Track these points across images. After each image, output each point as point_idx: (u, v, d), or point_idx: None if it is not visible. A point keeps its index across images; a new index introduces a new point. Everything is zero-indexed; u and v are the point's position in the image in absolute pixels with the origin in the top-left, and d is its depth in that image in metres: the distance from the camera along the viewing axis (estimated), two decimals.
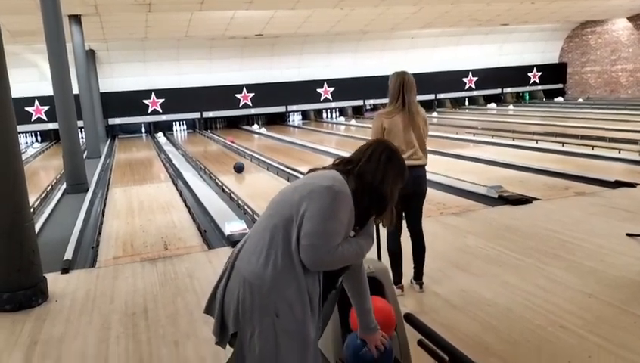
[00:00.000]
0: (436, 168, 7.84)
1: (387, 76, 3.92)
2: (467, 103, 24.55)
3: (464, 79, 23.91)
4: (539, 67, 24.59)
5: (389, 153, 2.03)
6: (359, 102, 22.77)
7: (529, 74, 24.61)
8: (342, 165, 2.03)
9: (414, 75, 3.89)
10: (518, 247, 4.82)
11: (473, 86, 24.11)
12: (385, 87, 4.03)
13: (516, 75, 24.26)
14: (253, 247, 1.92)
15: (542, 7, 18.23)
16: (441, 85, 22.88)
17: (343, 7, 15.37)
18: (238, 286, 1.88)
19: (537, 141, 11.47)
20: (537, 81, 24.79)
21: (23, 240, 4.23)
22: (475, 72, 23.87)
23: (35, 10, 9.94)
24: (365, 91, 22.06)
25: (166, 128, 20.92)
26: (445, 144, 11.78)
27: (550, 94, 24.60)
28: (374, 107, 22.30)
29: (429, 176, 4.07)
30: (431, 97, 22.84)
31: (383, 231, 3.79)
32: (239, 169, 9.98)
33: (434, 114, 20.65)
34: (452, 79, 23.39)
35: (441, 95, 23.56)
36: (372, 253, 3.37)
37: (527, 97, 25.14)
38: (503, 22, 20.68)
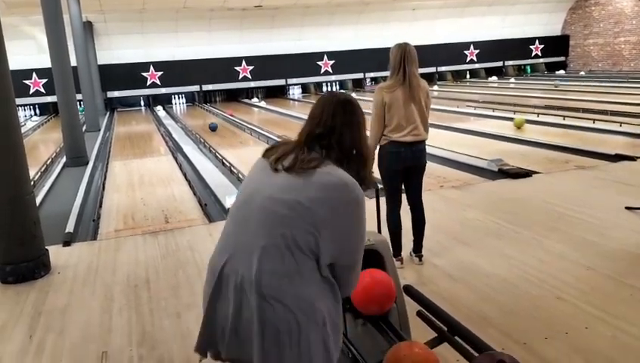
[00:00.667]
0: (437, 141, 7.82)
1: (388, 49, 3.87)
2: (468, 76, 24.36)
3: (466, 52, 23.67)
4: (541, 40, 24.31)
5: (344, 103, 1.80)
6: (360, 75, 22.59)
7: (532, 46, 24.34)
8: (316, 142, 1.76)
9: (416, 47, 3.84)
10: (517, 220, 4.84)
11: (475, 59, 23.88)
12: (386, 60, 3.99)
13: (518, 47, 24.00)
14: None
15: None
16: (442, 57, 22.65)
17: None
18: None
19: (538, 114, 11.41)
20: (539, 54, 24.54)
21: (25, 212, 4.25)
22: (477, 44, 23.60)
23: None
24: (365, 64, 21.86)
25: (165, 101, 20.80)
26: (446, 117, 11.73)
27: (552, 67, 24.38)
28: (375, 81, 22.15)
29: (429, 150, 4.06)
30: (432, 70, 22.63)
31: (383, 205, 3.80)
32: (213, 128, 10.53)
33: (435, 87, 20.50)
34: (453, 52, 23.15)
35: (442, 68, 23.35)
36: (372, 226, 3.40)
37: (529, 70, 24.91)
38: None
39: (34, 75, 18.56)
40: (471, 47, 23.62)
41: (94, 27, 18.88)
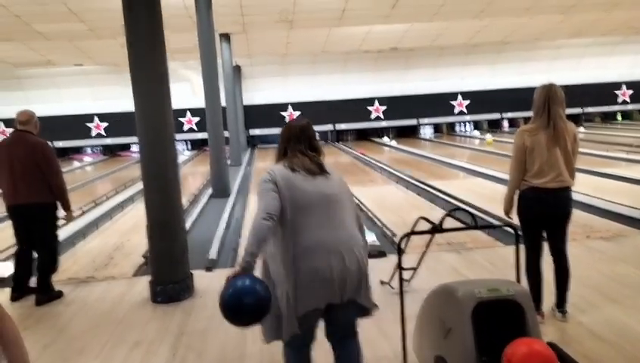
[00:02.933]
0: (582, 187, 7.25)
1: (527, 89, 3.72)
2: (619, 117, 22.42)
3: (617, 92, 21.88)
4: None
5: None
6: (496, 115, 21.84)
7: None
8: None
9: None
10: None
11: (628, 100, 21.96)
12: (524, 100, 3.84)
13: None
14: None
15: None
16: (589, 97, 21.15)
17: (482, 18, 14.89)
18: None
19: None
20: None
21: (176, 238, 4.66)
22: (630, 84, 21.73)
23: (192, 28, 10.95)
24: (502, 104, 21.13)
25: None
26: (593, 161, 10.86)
27: None
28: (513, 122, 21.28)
29: (574, 196, 3.79)
30: (578, 110, 21.22)
31: (523, 254, 3.59)
32: None
33: (581, 129, 19.14)
34: (602, 92, 21.53)
35: (589, 109, 21.77)
36: (510, 275, 3.23)
37: None
38: None
39: (188, 113, 20.51)
40: (623, 87, 21.80)
41: (242, 70, 20.50)
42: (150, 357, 3.59)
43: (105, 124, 20.58)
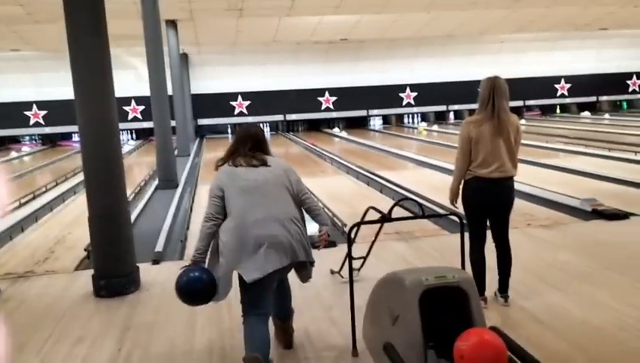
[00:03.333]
0: (524, 177, 7.52)
1: (472, 82, 3.82)
2: (558, 110, 23.38)
3: (556, 86, 22.80)
4: None
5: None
6: (443, 107, 22.34)
7: (629, 81, 23.05)
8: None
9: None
10: (613, 265, 4.53)
11: (566, 93, 22.93)
12: (470, 92, 3.93)
13: (614, 82, 22.80)
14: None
15: None
16: (530, 91, 21.94)
17: (430, 11, 15.14)
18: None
19: (636, 152, 10.71)
20: (637, 89, 23.17)
21: (121, 230, 4.52)
22: (568, 78, 22.69)
23: (136, 15, 10.60)
24: (449, 96, 21.61)
25: None
26: (534, 152, 11.29)
27: None
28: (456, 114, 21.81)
29: (516, 186, 3.91)
30: (519, 103, 21.97)
31: (467, 241, 3.69)
32: None
33: (522, 121, 19.84)
34: (542, 86, 22.38)
35: (530, 102, 22.60)
36: (456, 262, 3.31)
37: (625, 106, 23.54)
38: (602, 26, 19.50)
39: (132, 102, 19.91)
40: (562, 81, 22.74)
41: (189, 58, 20.06)
42: (93, 352, 3.48)
43: (44, 112, 19.71)
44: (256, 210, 2.88)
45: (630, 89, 23.20)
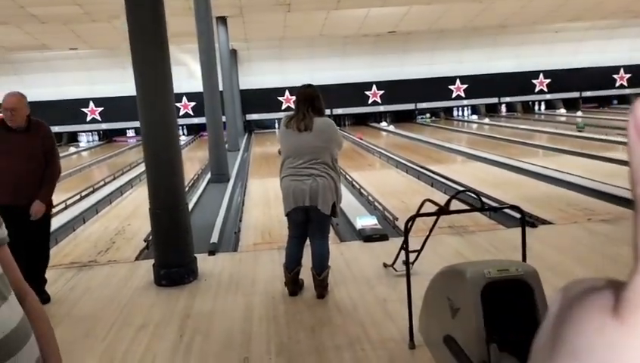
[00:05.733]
0: (583, 171, 7.29)
1: (525, 73, 3.71)
2: (616, 102, 22.43)
3: (615, 76, 21.86)
4: None
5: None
6: (494, 100, 21.80)
7: None
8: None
9: (556, 71, 3.63)
10: None
11: (625, 83, 21.96)
12: (522, 84, 3.83)
13: None
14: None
15: None
16: (587, 82, 21.13)
17: (481, 0, 14.80)
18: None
19: None
20: None
21: (180, 221, 4.66)
22: (628, 68, 21.71)
23: (188, 12, 10.83)
24: (500, 88, 21.08)
25: None
26: (592, 145, 10.89)
27: None
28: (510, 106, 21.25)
29: (570, 179, 3.79)
30: (575, 95, 21.20)
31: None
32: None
33: (578, 113, 19.15)
34: (599, 76, 21.51)
35: (587, 93, 21.76)
36: (513, 257, 3.24)
37: None
38: None
39: (184, 98, 20.37)
40: (621, 71, 21.78)
41: (238, 55, 20.33)
42: (156, 339, 3.61)
43: (100, 108, 20.45)
44: (295, 163, 3.94)
45: None
